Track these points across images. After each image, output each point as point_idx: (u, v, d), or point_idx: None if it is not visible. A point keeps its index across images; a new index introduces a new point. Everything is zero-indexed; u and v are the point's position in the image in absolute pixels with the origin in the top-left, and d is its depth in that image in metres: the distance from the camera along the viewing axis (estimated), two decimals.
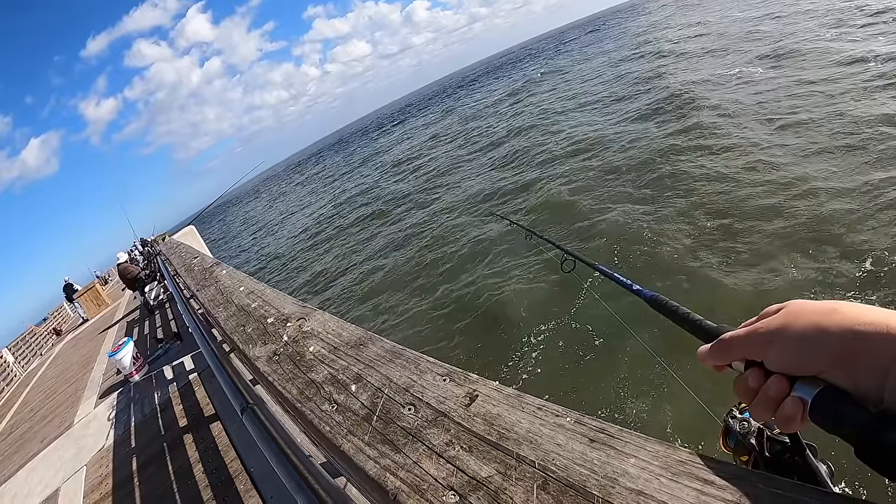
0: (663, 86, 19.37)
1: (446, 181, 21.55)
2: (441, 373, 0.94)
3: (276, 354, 1.36)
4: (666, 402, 5.43)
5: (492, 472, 0.67)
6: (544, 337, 7.72)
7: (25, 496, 4.95)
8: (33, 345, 17.24)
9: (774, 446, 0.82)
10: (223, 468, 3.72)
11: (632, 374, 6.10)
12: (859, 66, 13.20)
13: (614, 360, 6.44)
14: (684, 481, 0.56)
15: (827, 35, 17.48)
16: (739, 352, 0.58)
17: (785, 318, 0.54)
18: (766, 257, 7.13)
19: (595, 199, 11.67)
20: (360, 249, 17.75)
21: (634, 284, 1.08)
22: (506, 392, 0.81)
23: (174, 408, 5.21)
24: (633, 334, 5.13)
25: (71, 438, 5.96)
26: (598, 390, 6.02)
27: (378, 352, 1.13)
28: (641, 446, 0.62)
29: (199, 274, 3.24)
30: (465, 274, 11.26)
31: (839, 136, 9.88)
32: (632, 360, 6.27)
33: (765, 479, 0.53)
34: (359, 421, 0.91)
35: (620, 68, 29.38)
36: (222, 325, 1.91)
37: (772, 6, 29.36)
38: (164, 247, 9.30)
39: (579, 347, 7.07)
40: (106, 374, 8.08)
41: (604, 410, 5.56)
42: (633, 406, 5.48)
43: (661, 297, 0.86)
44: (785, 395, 0.52)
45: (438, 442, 0.77)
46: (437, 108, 67.96)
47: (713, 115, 13.86)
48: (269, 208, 53.74)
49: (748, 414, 0.91)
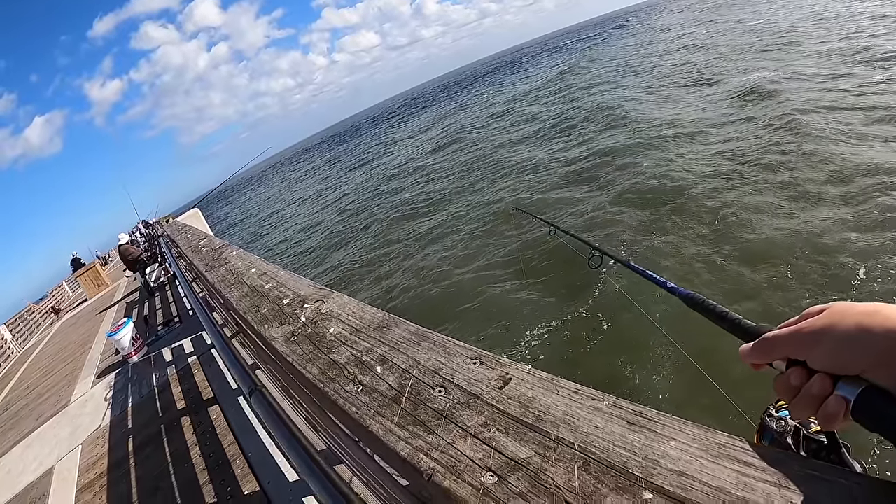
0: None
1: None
2: (471, 356, 0.94)
3: (294, 335, 1.36)
4: (694, 401, 5.57)
5: (530, 454, 0.66)
6: (553, 334, 7.78)
7: (20, 472, 4.96)
8: (31, 322, 17.24)
9: (811, 445, 0.83)
10: (220, 452, 3.73)
11: (658, 372, 6.23)
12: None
13: (637, 357, 6.56)
14: (724, 463, 0.56)
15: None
16: (783, 350, 0.59)
17: (830, 319, 0.54)
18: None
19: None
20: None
21: (669, 282, 1.07)
22: (539, 375, 0.81)
23: (172, 390, 5.21)
24: (665, 333, 5.16)
25: (67, 417, 5.97)
26: (620, 390, 6.08)
27: (403, 334, 1.13)
28: (680, 429, 0.62)
29: (208, 255, 3.23)
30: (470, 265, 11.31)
31: None
32: (656, 359, 6.38)
33: (801, 460, 0.54)
34: (387, 402, 0.90)
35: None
36: (234, 304, 1.90)
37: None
38: (169, 228, 9.28)
39: (599, 342, 7.15)
40: (104, 354, 8.08)
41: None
42: (660, 405, 5.52)
43: (698, 295, 0.86)
44: (828, 393, 0.52)
45: (473, 423, 0.76)
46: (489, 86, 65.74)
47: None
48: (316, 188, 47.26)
49: (784, 413, 0.92)
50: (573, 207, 12.69)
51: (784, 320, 0.61)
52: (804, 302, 6.39)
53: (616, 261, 1.80)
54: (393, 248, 16.04)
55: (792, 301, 6.56)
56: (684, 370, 5.92)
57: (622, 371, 6.50)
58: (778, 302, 6.69)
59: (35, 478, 4.70)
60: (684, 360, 5.55)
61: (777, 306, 6.60)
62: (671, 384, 5.99)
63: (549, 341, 7.75)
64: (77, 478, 4.32)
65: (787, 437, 0.86)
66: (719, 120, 15.25)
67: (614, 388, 5.98)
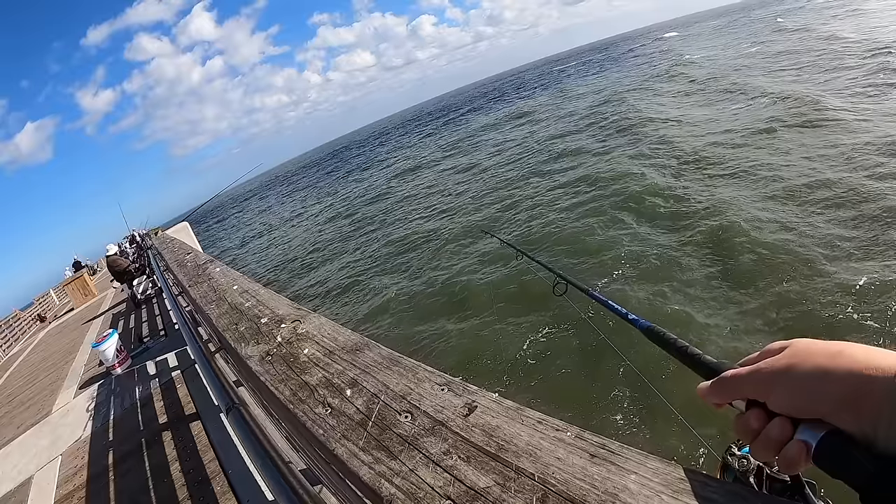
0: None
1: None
2: (439, 382, 0.93)
3: (269, 355, 1.35)
4: (660, 434, 5.41)
5: (490, 483, 0.66)
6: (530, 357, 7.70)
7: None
8: (17, 329, 17.04)
9: (774, 485, 0.82)
10: (201, 468, 3.68)
11: (623, 402, 6.09)
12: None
13: (604, 386, 6.41)
14: (685, 499, 0.55)
15: None
16: (741, 391, 0.57)
17: (790, 360, 0.52)
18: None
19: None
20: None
21: (630, 314, 1.06)
22: (505, 404, 0.81)
23: (155, 404, 5.15)
24: (631, 365, 5.10)
25: (48, 427, 5.88)
26: (585, 418, 5.98)
27: (375, 358, 1.12)
28: (642, 463, 0.62)
29: (192, 270, 3.22)
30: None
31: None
32: (622, 386, 6.26)
33: (764, 498, 0.53)
34: (353, 426, 0.90)
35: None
36: (214, 322, 1.89)
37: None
38: (157, 241, 9.24)
39: (567, 369, 7.04)
40: (88, 365, 8.00)
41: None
42: (625, 437, 5.44)
43: (657, 328, 0.84)
44: (788, 437, 0.51)
45: (436, 451, 0.76)
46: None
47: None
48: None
49: (747, 450, 0.91)
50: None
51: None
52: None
53: (579, 289, 1.79)
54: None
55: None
56: (652, 400, 5.81)
57: (588, 399, 6.35)
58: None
59: (14, 486, 4.61)
60: (652, 391, 5.46)
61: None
62: (636, 416, 5.84)
63: (517, 368, 7.62)
64: (56, 489, 4.24)
65: (749, 476, 0.85)
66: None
67: (582, 418, 5.94)
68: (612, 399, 6.18)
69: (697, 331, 6.85)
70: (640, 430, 5.59)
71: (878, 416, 0.45)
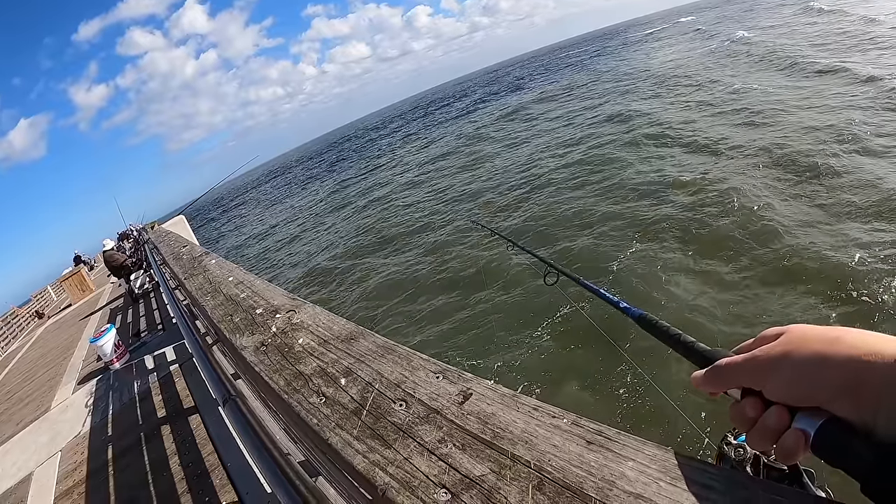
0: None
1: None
2: (434, 370, 0.92)
3: (264, 345, 1.34)
4: (655, 423, 5.38)
5: (485, 471, 0.65)
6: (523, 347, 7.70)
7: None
8: (14, 326, 17.03)
9: (771, 473, 0.81)
10: (200, 461, 3.68)
11: (619, 393, 6.06)
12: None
13: (598, 376, 6.41)
14: (683, 485, 0.54)
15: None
16: (737, 380, 0.55)
17: (785, 347, 0.51)
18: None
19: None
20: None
21: (622, 302, 1.05)
22: (501, 391, 0.80)
23: (153, 398, 5.15)
24: (625, 354, 5.07)
25: (47, 423, 5.88)
26: (583, 408, 5.94)
27: (369, 346, 1.11)
28: (639, 449, 0.61)
29: (188, 263, 3.20)
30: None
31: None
32: (616, 375, 6.25)
33: (765, 485, 0.52)
34: (348, 415, 0.89)
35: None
36: (209, 313, 1.88)
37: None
38: (153, 235, 9.21)
39: (561, 361, 7.04)
40: (86, 360, 7.99)
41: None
42: (623, 425, 5.41)
43: (650, 316, 0.83)
44: (785, 426, 0.49)
45: (430, 439, 0.75)
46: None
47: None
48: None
49: (743, 439, 0.90)
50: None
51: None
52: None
53: (569, 278, 1.77)
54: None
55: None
56: (646, 389, 5.77)
57: (581, 390, 6.35)
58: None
59: (14, 483, 4.62)
60: (645, 380, 5.46)
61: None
62: (630, 405, 5.81)
63: (513, 357, 7.60)
64: (55, 485, 4.25)
65: (746, 465, 0.84)
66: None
67: (575, 409, 5.94)
68: (606, 388, 6.18)
69: (691, 316, 6.88)
70: (634, 419, 5.59)
71: (878, 404, 0.43)
